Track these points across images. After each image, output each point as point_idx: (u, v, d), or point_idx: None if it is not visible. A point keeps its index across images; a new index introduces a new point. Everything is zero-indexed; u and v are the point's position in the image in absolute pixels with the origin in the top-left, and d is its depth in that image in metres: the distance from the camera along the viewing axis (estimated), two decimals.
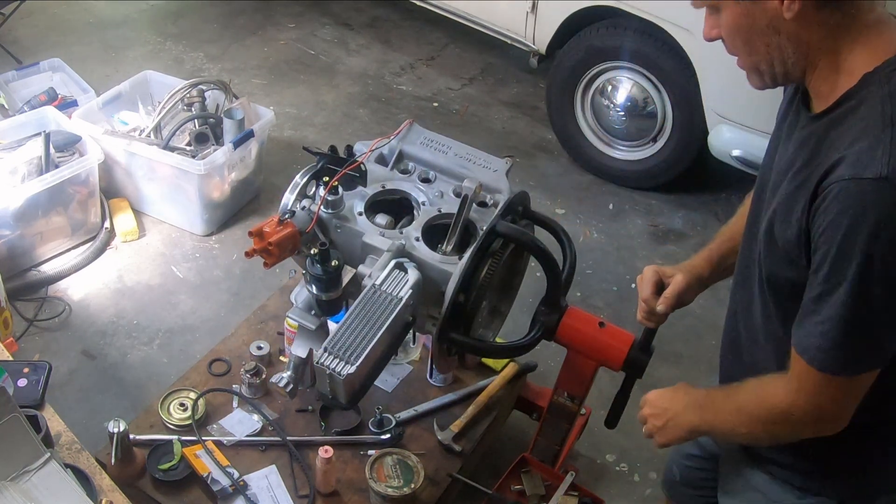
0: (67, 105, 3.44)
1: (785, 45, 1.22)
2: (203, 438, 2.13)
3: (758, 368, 1.43)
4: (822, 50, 1.21)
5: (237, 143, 3.25)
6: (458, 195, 2.02)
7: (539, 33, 3.77)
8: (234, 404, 2.27)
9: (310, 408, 2.27)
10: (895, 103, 1.15)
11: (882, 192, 1.11)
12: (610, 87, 3.64)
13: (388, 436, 2.22)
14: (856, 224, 1.13)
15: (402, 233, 1.94)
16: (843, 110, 1.20)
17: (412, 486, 2.06)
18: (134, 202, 3.43)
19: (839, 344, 1.21)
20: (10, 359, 1.95)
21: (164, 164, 3.20)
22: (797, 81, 1.29)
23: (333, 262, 1.83)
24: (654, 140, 3.65)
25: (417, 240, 1.92)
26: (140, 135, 3.30)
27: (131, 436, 2.05)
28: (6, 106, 3.58)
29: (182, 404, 2.22)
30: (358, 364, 1.66)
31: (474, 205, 1.97)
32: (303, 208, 1.95)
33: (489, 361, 2.50)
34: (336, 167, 1.96)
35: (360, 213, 1.96)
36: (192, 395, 2.24)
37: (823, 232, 1.18)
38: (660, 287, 1.70)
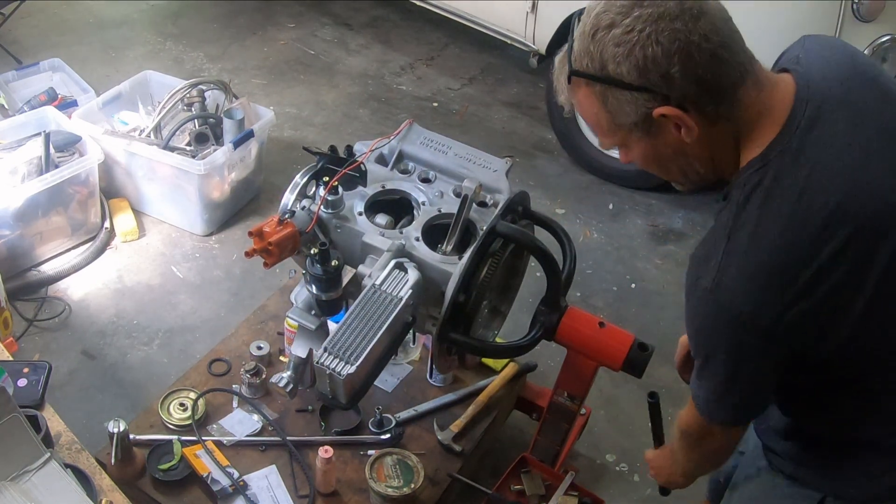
0: (67, 105, 3.44)
1: (693, 163, 1.30)
2: (203, 438, 2.13)
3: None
4: (724, 156, 1.28)
5: (237, 143, 3.25)
6: (458, 195, 2.02)
7: (539, 33, 3.77)
8: (234, 404, 2.27)
9: (310, 408, 2.27)
10: (738, 216, 1.22)
11: (709, 304, 1.25)
12: None
13: (388, 436, 2.22)
14: (694, 321, 1.31)
15: (402, 233, 1.94)
16: (722, 206, 1.28)
17: (412, 486, 2.06)
18: (134, 202, 3.43)
19: (705, 400, 1.40)
20: (10, 359, 1.95)
21: (164, 164, 3.20)
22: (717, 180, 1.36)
23: (333, 262, 1.83)
24: None
25: (417, 240, 1.92)
26: (140, 135, 3.29)
27: (131, 436, 2.05)
28: (6, 106, 3.58)
29: (182, 404, 2.22)
30: (358, 364, 1.66)
31: (474, 205, 1.97)
32: (303, 208, 1.95)
33: (489, 361, 2.49)
34: (336, 167, 1.96)
35: (360, 213, 1.96)
36: (192, 395, 2.24)
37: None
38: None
